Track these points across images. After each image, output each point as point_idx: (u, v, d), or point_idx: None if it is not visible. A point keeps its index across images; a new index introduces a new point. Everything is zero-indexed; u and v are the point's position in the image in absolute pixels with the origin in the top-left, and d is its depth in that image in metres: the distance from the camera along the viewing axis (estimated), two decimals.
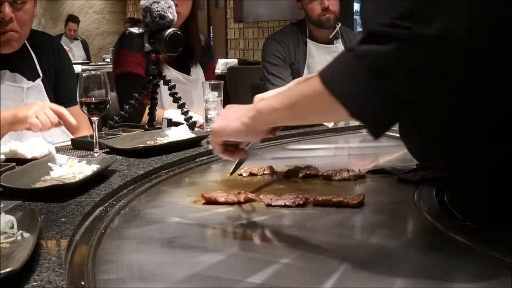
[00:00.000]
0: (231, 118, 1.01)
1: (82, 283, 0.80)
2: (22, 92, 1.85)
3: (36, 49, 1.94)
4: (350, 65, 0.82)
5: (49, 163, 1.32)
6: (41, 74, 1.90)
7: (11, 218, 0.92)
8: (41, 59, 1.93)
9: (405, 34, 0.77)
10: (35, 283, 0.76)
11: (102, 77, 1.53)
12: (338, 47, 2.84)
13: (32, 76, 1.90)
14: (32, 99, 1.86)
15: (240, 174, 1.41)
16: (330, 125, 2.09)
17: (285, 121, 1.00)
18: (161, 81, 1.94)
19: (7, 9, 1.73)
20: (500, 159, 0.89)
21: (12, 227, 0.91)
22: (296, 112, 0.93)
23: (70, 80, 1.98)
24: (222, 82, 2.06)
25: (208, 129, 1.96)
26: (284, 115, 0.94)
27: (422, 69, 0.78)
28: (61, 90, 1.98)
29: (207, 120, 1.96)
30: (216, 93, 2.02)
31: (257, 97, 1.23)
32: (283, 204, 1.14)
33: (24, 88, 1.85)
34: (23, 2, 1.78)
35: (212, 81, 2.01)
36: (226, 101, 2.68)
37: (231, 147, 1.05)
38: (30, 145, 1.44)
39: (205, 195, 1.17)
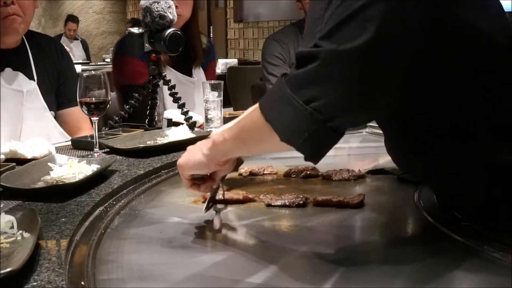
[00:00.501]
0: (194, 150, 1.03)
1: (82, 283, 0.80)
2: (22, 96, 1.84)
3: (37, 50, 1.93)
4: (279, 89, 0.83)
5: (49, 163, 1.32)
6: (35, 78, 1.89)
7: (11, 218, 0.92)
8: (40, 62, 1.93)
9: (322, 52, 0.78)
10: (35, 283, 0.76)
11: (102, 77, 1.53)
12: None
13: (30, 78, 1.89)
14: (29, 103, 1.86)
15: (240, 174, 1.41)
16: None
17: (236, 151, 0.99)
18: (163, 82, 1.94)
19: None
20: (493, 162, 0.89)
21: (12, 227, 0.91)
22: (241, 142, 0.94)
23: (72, 82, 1.98)
24: (222, 82, 2.06)
25: (208, 129, 1.96)
26: (233, 145, 0.95)
27: (342, 85, 0.78)
28: (63, 91, 1.98)
29: (207, 120, 1.95)
30: (216, 93, 2.02)
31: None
32: (283, 204, 1.14)
33: (23, 92, 1.84)
34: None
35: (212, 81, 2.01)
36: (226, 101, 2.69)
37: (198, 181, 1.06)
38: (30, 145, 1.44)
39: (206, 195, 1.17)
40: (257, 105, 0.87)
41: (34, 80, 1.88)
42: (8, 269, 0.73)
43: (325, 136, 0.81)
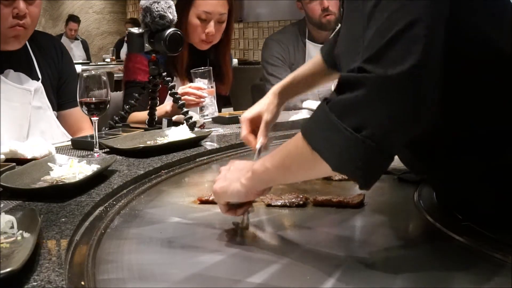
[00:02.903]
0: (231, 178, 1.00)
1: (82, 283, 0.80)
2: (30, 95, 1.84)
3: (38, 50, 1.93)
4: (324, 117, 0.80)
5: (49, 163, 1.32)
6: (40, 77, 1.89)
7: (11, 218, 0.92)
8: (42, 61, 1.93)
9: (371, 78, 0.76)
10: (35, 283, 0.76)
11: (102, 77, 1.53)
12: (300, 67, 2.83)
13: (32, 78, 1.89)
14: (36, 101, 1.86)
15: None
16: None
17: (278, 180, 0.98)
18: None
19: (22, 4, 1.72)
20: (495, 162, 0.89)
21: (12, 227, 0.91)
22: (285, 170, 0.92)
23: (73, 82, 1.98)
24: (211, 68, 2.07)
25: (203, 120, 1.98)
26: (276, 174, 0.93)
27: (392, 110, 0.76)
28: (63, 91, 1.98)
29: (201, 108, 1.98)
30: (206, 80, 2.03)
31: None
32: (283, 204, 1.14)
33: (31, 91, 1.84)
34: None
35: (200, 69, 2.03)
36: (226, 101, 2.69)
37: (234, 206, 1.03)
38: (30, 145, 1.44)
39: (203, 198, 1.17)
40: (299, 133, 0.85)
41: (39, 79, 1.88)
42: (8, 269, 0.73)
43: (378, 162, 0.79)
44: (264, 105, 1.29)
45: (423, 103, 0.77)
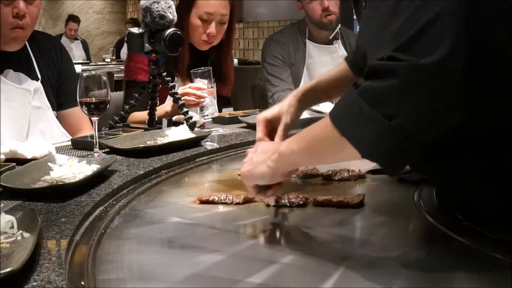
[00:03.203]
0: (257, 161, 1.01)
1: (82, 283, 0.80)
2: (29, 94, 1.84)
3: (37, 50, 1.93)
4: (355, 103, 0.80)
5: (49, 163, 1.32)
6: (39, 77, 1.90)
7: (11, 218, 0.92)
8: (41, 61, 1.93)
9: (404, 66, 0.75)
10: (35, 283, 0.76)
11: (102, 77, 1.53)
12: (338, 47, 2.84)
13: (32, 78, 1.89)
14: (35, 101, 1.86)
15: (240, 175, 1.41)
16: None
17: (304, 162, 1.00)
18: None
19: (22, 4, 1.73)
20: (497, 162, 0.89)
21: (12, 227, 0.91)
22: (311, 154, 0.93)
23: (72, 81, 1.98)
24: (211, 68, 2.07)
25: (203, 120, 1.98)
26: (302, 157, 0.94)
27: (425, 100, 0.76)
28: (63, 91, 1.98)
29: (202, 108, 1.99)
30: (205, 81, 2.03)
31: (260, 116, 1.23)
32: (283, 204, 1.14)
33: (31, 91, 1.84)
34: None
35: (200, 69, 2.04)
36: (226, 101, 2.69)
37: (263, 188, 1.04)
38: (30, 145, 1.44)
39: (203, 198, 1.17)
40: (327, 117, 0.85)
41: (38, 79, 1.88)
42: (8, 269, 0.73)
43: (408, 151, 0.79)
44: (284, 107, 1.23)
45: (455, 93, 0.77)
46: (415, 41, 0.76)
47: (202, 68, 2.08)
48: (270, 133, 1.21)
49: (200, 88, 2.01)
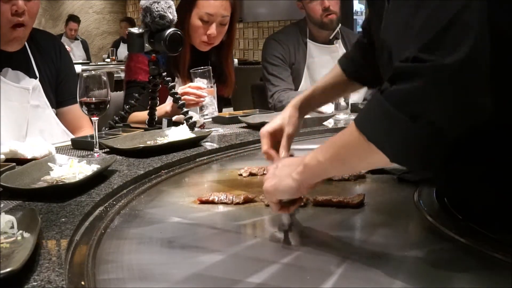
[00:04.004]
0: (281, 175, 0.99)
1: (82, 283, 0.80)
2: (28, 93, 1.84)
3: (36, 49, 1.94)
4: (380, 107, 0.80)
5: (49, 163, 1.32)
6: (37, 75, 1.90)
7: (11, 218, 0.92)
8: (40, 59, 1.93)
9: (428, 67, 0.75)
10: (35, 283, 0.76)
11: (102, 77, 1.53)
12: (338, 47, 2.84)
13: (30, 76, 1.89)
14: (34, 100, 1.86)
15: (240, 174, 1.41)
16: (330, 125, 2.10)
17: (331, 172, 0.99)
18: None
19: (20, 1, 1.74)
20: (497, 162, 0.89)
21: (12, 227, 0.91)
22: (339, 162, 0.92)
23: (71, 79, 1.98)
24: (210, 68, 2.08)
25: (203, 120, 1.98)
26: (329, 166, 0.93)
27: (452, 99, 0.75)
28: (62, 89, 1.98)
29: (201, 108, 1.98)
30: (205, 80, 2.03)
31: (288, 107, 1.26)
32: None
33: (29, 90, 1.84)
34: None
35: (200, 69, 2.04)
36: (226, 101, 2.69)
37: (286, 203, 1.03)
38: (30, 145, 1.44)
39: (202, 198, 1.17)
40: (352, 124, 0.85)
41: (36, 78, 1.89)
42: (8, 269, 0.73)
43: (437, 151, 0.79)
44: (285, 119, 1.26)
45: (482, 90, 0.76)
46: (439, 40, 0.75)
47: (202, 67, 2.08)
48: (275, 145, 1.24)
49: (200, 88, 2.01)
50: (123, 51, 8.22)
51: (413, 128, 0.76)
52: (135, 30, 1.85)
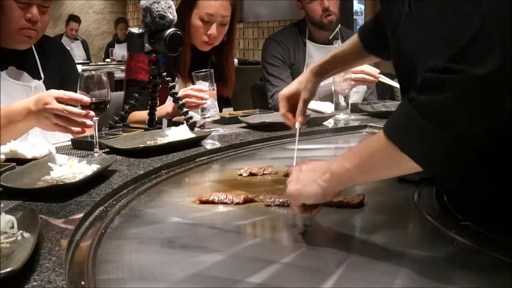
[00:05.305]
0: (306, 180, 0.99)
1: (82, 283, 0.80)
2: (30, 91, 1.86)
3: (42, 52, 1.96)
4: (410, 117, 0.80)
5: (49, 163, 1.32)
6: (42, 76, 1.92)
7: (11, 218, 0.92)
8: (45, 63, 1.96)
9: (458, 79, 0.75)
10: (35, 283, 0.76)
11: (102, 77, 1.53)
12: (338, 47, 2.84)
13: (34, 77, 1.91)
14: None
15: (240, 174, 1.41)
16: (330, 125, 2.10)
17: (357, 180, 0.99)
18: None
19: (35, 10, 1.78)
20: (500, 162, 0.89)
21: (12, 227, 0.91)
22: (367, 170, 0.92)
23: (74, 81, 2.00)
24: (212, 70, 2.08)
25: (203, 120, 1.98)
26: (356, 174, 0.93)
27: (483, 111, 0.76)
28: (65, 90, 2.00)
29: (203, 109, 1.99)
30: (207, 83, 2.04)
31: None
32: (283, 204, 1.14)
33: (32, 87, 1.86)
34: (47, 6, 1.83)
35: (202, 71, 2.04)
36: (226, 101, 2.69)
37: (309, 206, 1.02)
38: (30, 145, 1.44)
39: (202, 198, 1.17)
40: (381, 133, 0.85)
41: (41, 79, 1.91)
42: (8, 269, 0.73)
43: (468, 159, 0.79)
44: (301, 83, 1.34)
45: (509, 98, 0.76)
46: (467, 50, 0.75)
47: (204, 70, 2.08)
48: (291, 109, 1.34)
49: (202, 90, 2.02)
50: (119, 52, 8.23)
51: (445, 138, 0.77)
52: (135, 30, 1.85)
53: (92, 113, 1.51)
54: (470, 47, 0.75)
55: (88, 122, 1.53)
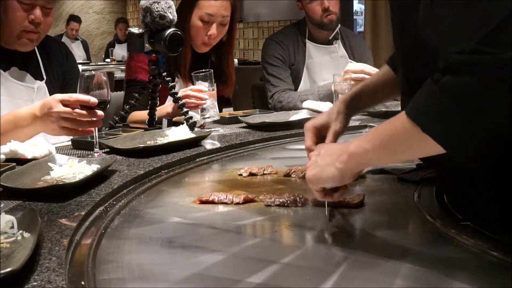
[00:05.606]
0: (324, 163, 0.98)
1: (82, 283, 0.80)
2: (33, 92, 1.86)
3: (45, 53, 1.97)
4: (437, 100, 0.78)
5: (49, 163, 1.32)
6: (44, 77, 1.92)
7: (11, 218, 0.92)
8: (48, 64, 1.96)
9: (489, 61, 0.74)
10: (35, 283, 0.76)
11: (102, 77, 1.53)
12: (337, 47, 2.84)
13: (37, 78, 1.91)
14: (38, 99, 1.87)
15: (240, 174, 1.41)
16: None
17: (376, 161, 0.98)
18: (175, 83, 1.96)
19: (39, 12, 1.78)
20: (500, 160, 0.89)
21: (12, 227, 0.91)
22: (387, 151, 0.91)
23: (76, 83, 2.00)
24: (212, 71, 2.08)
25: (203, 121, 1.98)
26: (376, 155, 0.92)
27: None
28: (67, 91, 1.99)
29: (202, 110, 1.99)
30: (206, 83, 2.04)
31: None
32: (283, 204, 1.14)
33: (35, 88, 1.86)
34: (51, 8, 1.83)
35: (202, 72, 2.04)
36: (226, 101, 2.69)
37: (330, 190, 1.02)
38: (30, 145, 1.44)
39: (202, 198, 1.17)
40: (403, 113, 0.83)
41: (43, 80, 1.91)
42: (8, 269, 0.73)
43: (496, 146, 0.78)
44: (333, 114, 1.22)
45: None
46: (498, 33, 0.74)
47: (204, 70, 2.08)
48: (319, 142, 1.20)
49: (201, 91, 2.02)
50: (119, 52, 8.23)
51: (473, 121, 0.75)
52: (135, 30, 1.85)
53: (100, 112, 1.50)
54: (502, 30, 0.74)
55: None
